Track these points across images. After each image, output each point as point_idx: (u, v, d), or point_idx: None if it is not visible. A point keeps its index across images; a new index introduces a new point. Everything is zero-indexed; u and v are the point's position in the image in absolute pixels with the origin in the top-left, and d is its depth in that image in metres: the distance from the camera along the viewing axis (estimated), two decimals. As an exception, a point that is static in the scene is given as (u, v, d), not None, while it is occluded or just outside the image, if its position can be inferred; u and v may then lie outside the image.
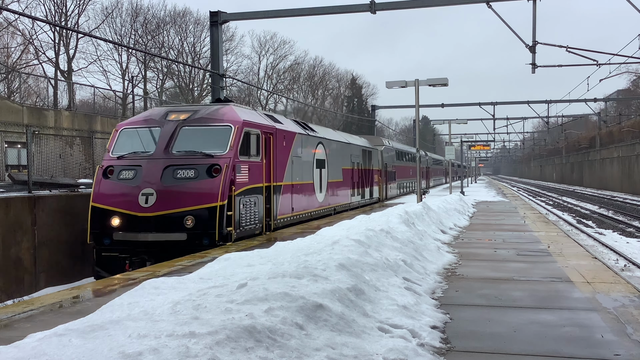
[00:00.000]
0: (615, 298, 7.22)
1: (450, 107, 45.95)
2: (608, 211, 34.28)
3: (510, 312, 6.67)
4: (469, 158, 76.96)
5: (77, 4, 45.31)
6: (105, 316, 4.87)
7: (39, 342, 4.13)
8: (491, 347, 5.38)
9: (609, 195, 49.48)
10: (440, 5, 20.84)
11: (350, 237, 8.59)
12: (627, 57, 23.73)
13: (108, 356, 3.79)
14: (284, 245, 8.90)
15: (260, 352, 4.24)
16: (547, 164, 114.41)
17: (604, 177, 65.23)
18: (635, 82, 68.94)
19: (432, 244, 11.32)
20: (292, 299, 5.22)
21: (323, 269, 6.43)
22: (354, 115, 71.32)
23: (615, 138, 61.34)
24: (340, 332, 5.10)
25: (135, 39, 51.31)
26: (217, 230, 12.21)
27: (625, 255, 17.35)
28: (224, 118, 13.52)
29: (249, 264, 7.44)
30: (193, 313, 4.74)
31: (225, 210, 12.40)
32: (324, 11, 21.39)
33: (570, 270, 9.27)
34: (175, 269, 9.76)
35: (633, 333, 5.70)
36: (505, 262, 10.19)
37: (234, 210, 12.77)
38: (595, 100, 45.88)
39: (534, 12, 18.81)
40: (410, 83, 18.99)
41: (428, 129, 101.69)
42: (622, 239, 21.99)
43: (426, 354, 5.06)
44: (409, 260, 8.64)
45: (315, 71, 74.22)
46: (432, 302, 7.00)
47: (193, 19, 55.41)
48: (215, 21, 20.80)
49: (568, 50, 20.88)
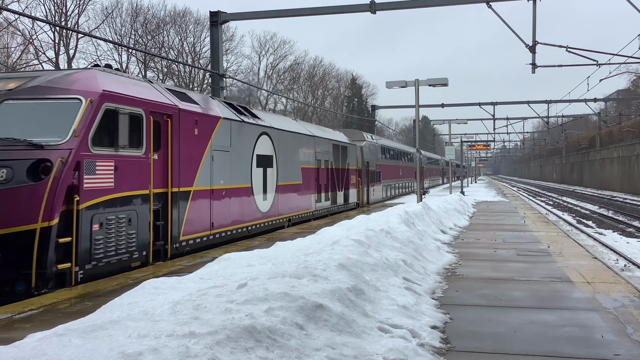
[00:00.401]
0: (615, 298, 7.23)
1: (450, 107, 45.94)
2: (608, 211, 34.27)
3: (510, 312, 6.67)
4: (469, 158, 76.98)
5: (77, 4, 45.31)
6: (105, 316, 4.86)
7: (39, 342, 4.13)
8: (491, 347, 5.38)
9: (609, 195, 49.47)
10: (440, 5, 20.82)
11: (350, 237, 8.59)
12: (627, 57, 23.72)
13: (108, 356, 3.79)
14: (283, 245, 8.91)
15: (260, 352, 4.24)
16: (547, 164, 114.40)
17: (604, 177, 65.23)
18: (635, 82, 68.94)
19: (432, 244, 11.32)
20: (292, 299, 5.22)
21: (323, 269, 6.43)
22: (354, 115, 71.31)
23: (615, 138, 61.33)
24: (340, 332, 5.10)
25: (135, 39, 51.30)
26: (35, 269, 7.85)
27: (625, 255, 17.34)
28: (72, 87, 9.11)
29: (249, 264, 7.44)
30: (193, 313, 4.73)
31: (54, 234, 8.03)
32: (324, 11, 21.38)
33: (570, 270, 9.27)
34: (175, 269, 9.76)
35: (633, 333, 5.70)
36: (505, 262, 10.19)
37: (78, 235, 8.43)
38: (595, 100, 45.87)
39: (534, 12, 18.81)
40: (410, 83, 18.99)
41: (428, 129, 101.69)
42: (622, 239, 21.98)
43: (426, 354, 5.06)
44: (409, 260, 8.64)
45: (315, 71, 74.22)
46: (432, 302, 7.00)
47: (193, 19, 55.41)
48: (215, 21, 20.80)
49: (568, 50, 20.88)
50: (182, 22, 55.35)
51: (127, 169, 9.62)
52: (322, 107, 71.99)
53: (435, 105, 46.45)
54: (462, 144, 48.85)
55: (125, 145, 9.57)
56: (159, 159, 10.64)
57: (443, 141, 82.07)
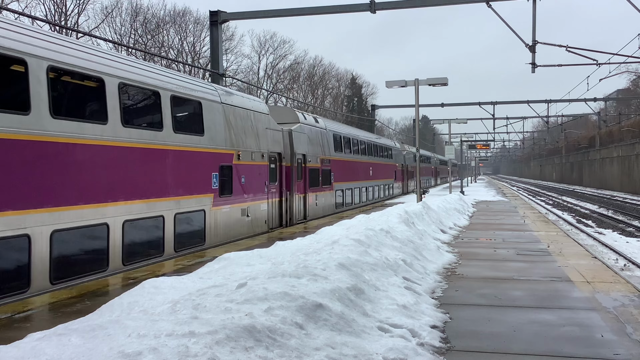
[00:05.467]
0: (615, 297, 7.23)
1: (450, 107, 46.03)
2: (608, 211, 34.27)
3: (510, 312, 6.67)
4: (469, 157, 76.89)
5: (77, 4, 45.30)
6: (104, 316, 4.87)
7: (39, 342, 4.12)
8: (491, 347, 5.38)
9: (608, 195, 49.46)
10: (439, 5, 20.82)
11: (349, 237, 8.59)
12: (627, 56, 23.77)
13: (108, 356, 3.79)
14: (283, 244, 8.91)
15: (260, 352, 4.24)
16: (547, 164, 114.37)
17: (603, 176, 65.22)
18: (635, 82, 68.93)
19: (432, 243, 11.32)
20: (291, 299, 5.21)
21: (323, 268, 6.42)
22: (353, 115, 71.31)
23: (615, 138, 61.32)
24: (340, 331, 5.10)
25: (135, 38, 51.29)
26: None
27: (625, 255, 17.34)
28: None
29: (249, 263, 7.44)
30: (192, 312, 4.73)
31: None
32: (324, 11, 21.38)
33: (570, 270, 9.27)
34: (175, 268, 9.76)
35: (633, 332, 5.70)
36: (505, 262, 10.19)
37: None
38: (595, 100, 45.91)
39: (534, 11, 18.83)
40: (410, 83, 18.98)
41: (428, 129, 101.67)
42: (621, 239, 21.98)
43: (426, 354, 5.06)
44: (408, 260, 8.64)
45: (315, 71, 74.25)
46: (432, 301, 7.00)
47: (193, 18, 55.41)
48: (215, 21, 20.80)
49: (568, 49, 20.89)
50: (181, 22, 55.32)
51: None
52: (321, 107, 71.97)
53: (435, 105, 46.49)
54: (462, 143, 48.83)
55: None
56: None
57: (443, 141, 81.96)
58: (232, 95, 15.11)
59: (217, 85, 15.93)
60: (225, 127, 13.95)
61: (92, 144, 9.44)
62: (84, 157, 9.27)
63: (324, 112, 70.34)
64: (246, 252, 8.23)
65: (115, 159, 9.97)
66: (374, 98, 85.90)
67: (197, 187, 12.53)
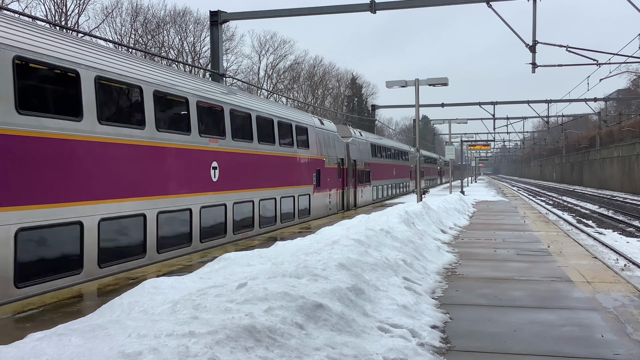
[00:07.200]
0: (615, 298, 7.22)
1: (450, 107, 46.03)
2: (608, 211, 34.26)
3: (510, 312, 6.67)
4: (469, 158, 76.93)
5: (77, 4, 45.31)
6: (105, 316, 4.87)
7: (39, 342, 4.12)
8: (491, 347, 5.38)
9: (608, 195, 49.45)
10: (440, 4, 20.82)
11: (350, 237, 8.58)
12: (627, 56, 23.76)
13: (108, 356, 3.79)
14: (283, 244, 8.91)
15: (260, 352, 4.24)
16: (547, 164, 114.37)
17: (603, 176, 65.21)
18: (635, 82, 68.94)
19: (432, 243, 11.31)
20: (291, 299, 5.21)
21: (323, 268, 6.42)
22: (354, 115, 71.31)
23: (615, 138, 61.32)
24: (340, 331, 5.10)
25: (135, 38, 51.30)
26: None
27: (625, 255, 17.34)
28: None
29: (249, 263, 7.44)
30: (193, 312, 4.73)
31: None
32: (324, 11, 21.37)
33: (570, 270, 9.26)
34: (175, 268, 9.76)
35: (633, 332, 5.70)
36: (505, 262, 10.19)
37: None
38: (595, 100, 45.88)
39: (534, 11, 18.82)
40: (410, 83, 18.98)
41: (428, 129, 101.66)
42: (622, 239, 21.97)
43: (426, 354, 5.06)
44: (408, 260, 8.64)
45: (315, 71, 74.25)
46: (432, 301, 7.00)
47: (193, 18, 55.40)
48: (215, 21, 20.80)
49: (568, 49, 20.88)
50: (182, 22, 55.32)
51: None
52: (322, 107, 71.96)
53: (435, 105, 46.48)
54: (462, 143, 48.82)
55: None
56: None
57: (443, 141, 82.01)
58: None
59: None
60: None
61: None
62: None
63: (324, 113, 70.37)
64: (246, 252, 8.23)
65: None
66: (375, 98, 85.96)
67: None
